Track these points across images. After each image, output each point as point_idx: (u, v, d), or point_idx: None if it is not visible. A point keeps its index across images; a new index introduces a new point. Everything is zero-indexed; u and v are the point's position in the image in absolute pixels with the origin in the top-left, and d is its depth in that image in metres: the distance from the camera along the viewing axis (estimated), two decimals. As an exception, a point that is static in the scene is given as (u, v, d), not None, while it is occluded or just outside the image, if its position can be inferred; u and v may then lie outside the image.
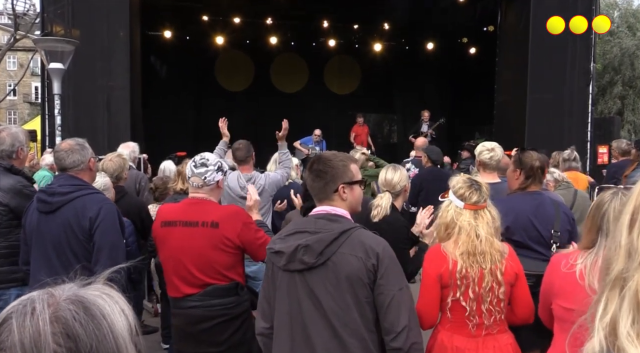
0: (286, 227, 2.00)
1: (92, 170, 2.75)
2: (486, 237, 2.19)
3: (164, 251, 2.65)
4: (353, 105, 14.52)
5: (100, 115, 8.50)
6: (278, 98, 14.24)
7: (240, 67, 14.36)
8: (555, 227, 2.88)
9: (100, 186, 3.42)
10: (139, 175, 4.90)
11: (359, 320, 1.80)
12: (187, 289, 2.58)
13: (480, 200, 2.29)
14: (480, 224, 2.23)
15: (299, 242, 1.83)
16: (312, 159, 1.97)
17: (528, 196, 2.98)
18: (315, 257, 1.80)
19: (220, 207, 2.69)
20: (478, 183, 2.33)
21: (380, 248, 1.82)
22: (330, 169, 1.90)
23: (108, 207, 2.61)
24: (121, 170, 4.05)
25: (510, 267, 2.22)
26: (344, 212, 1.91)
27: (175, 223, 2.59)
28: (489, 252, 2.18)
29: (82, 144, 2.70)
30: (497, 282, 2.17)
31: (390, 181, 3.22)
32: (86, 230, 2.54)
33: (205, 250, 2.53)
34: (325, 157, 1.94)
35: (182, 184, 3.59)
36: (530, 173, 2.98)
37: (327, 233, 1.82)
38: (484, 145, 3.66)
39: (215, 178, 2.62)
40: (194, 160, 2.64)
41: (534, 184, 3.01)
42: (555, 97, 9.19)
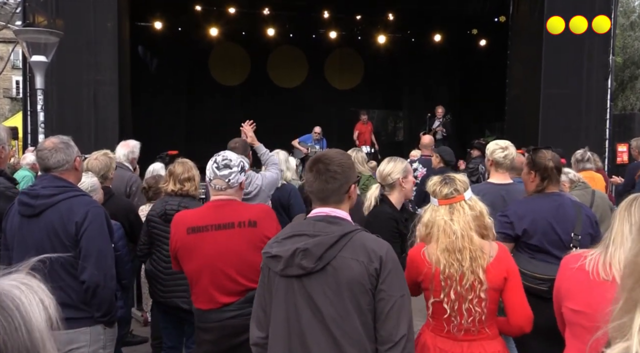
0: (283, 230, 1.99)
1: (78, 171, 2.72)
2: (462, 232, 2.21)
3: (194, 261, 2.56)
4: (355, 101, 14.53)
5: (86, 111, 8.48)
6: (275, 93, 14.25)
7: (236, 60, 14.36)
8: (576, 230, 2.88)
9: (87, 187, 3.40)
10: (132, 178, 4.83)
11: (361, 329, 1.79)
12: (225, 298, 2.53)
13: (452, 193, 2.30)
14: (456, 219, 2.24)
15: (297, 245, 1.83)
16: (315, 159, 1.95)
17: (547, 198, 2.98)
18: (314, 262, 1.80)
19: (251, 205, 2.69)
20: (451, 178, 2.36)
21: (384, 252, 1.82)
22: (343, 169, 1.90)
23: (95, 210, 2.59)
24: (107, 170, 4.04)
25: (497, 270, 2.21)
26: (345, 214, 1.92)
27: (207, 228, 2.53)
28: (468, 247, 2.19)
29: (67, 142, 2.68)
30: (478, 281, 2.18)
31: (381, 172, 3.25)
32: (72, 235, 2.51)
33: (247, 252, 2.49)
34: (334, 157, 1.92)
35: (174, 185, 3.57)
36: (545, 174, 2.98)
37: (327, 236, 1.83)
38: (497, 143, 3.66)
39: (239, 179, 2.61)
40: (215, 161, 2.59)
41: (552, 185, 3.01)
42: (571, 92, 9.17)
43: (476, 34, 13.96)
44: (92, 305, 2.54)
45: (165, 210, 3.47)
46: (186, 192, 3.53)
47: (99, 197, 3.55)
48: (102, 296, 2.53)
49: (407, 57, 14.82)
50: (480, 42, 13.86)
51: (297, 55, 14.61)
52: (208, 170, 2.60)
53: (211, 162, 2.60)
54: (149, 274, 3.60)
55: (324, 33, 14.22)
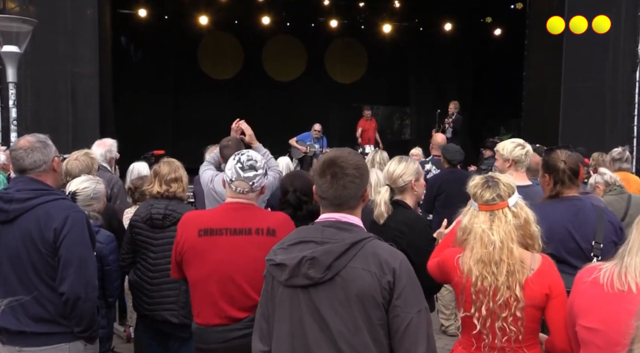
0: (289, 236, 1.99)
1: (57, 172, 2.71)
2: (501, 242, 2.19)
3: (203, 266, 2.52)
4: (358, 95, 14.54)
5: (63, 107, 8.48)
6: (271, 88, 14.26)
7: (227, 51, 14.38)
8: (597, 238, 2.87)
9: (90, 193, 3.39)
10: (112, 179, 4.83)
11: (372, 345, 1.79)
12: (234, 312, 2.49)
13: (494, 198, 2.27)
14: (496, 228, 2.22)
15: (304, 253, 1.83)
16: (328, 162, 1.91)
17: (564, 202, 2.97)
18: (322, 272, 1.80)
19: (271, 213, 2.68)
20: (495, 180, 2.33)
21: (397, 263, 1.82)
22: (361, 172, 1.91)
23: (76, 215, 2.58)
24: (88, 171, 4.03)
25: (537, 285, 2.19)
26: (357, 220, 1.92)
27: (221, 231, 2.51)
28: (506, 261, 2.17)
29: (44, 140, 2.67)
30: (514, 297, 2.16)
31: (391, 173, 3.21)
32: (50, 242, 2.50)
33: (262, 263, 2.42)
34: (349, 159, 1.91)
35: (160, 187, 3.57)
36: (557, 177, 2.98)
37: (336, 244, 1.82)
38: (513, 141, 3.68)
39: (262, 183, 2.60)
40: (239, 161, 2.57)
41: (568, 189, 3.00)
42: (595, 86, 9.16)
43: (490, 22, 13.99)
44: (71, 319, 2.53)
45: (150, 215, 3.44)
46: (173, 194, 3.51)
47: (100, 206, 3.54)
48: (83, 309, 2.53)
49: (414, 47, 14.84)
50: (495, 31, 13.89)
51: (294, 46, 14.63)
52: (229, 170, 2.57)
53: (233, 161, 2.58)
54: (133, 286, 3.57)
55: (324, 21, 14.24)
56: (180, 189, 3.54)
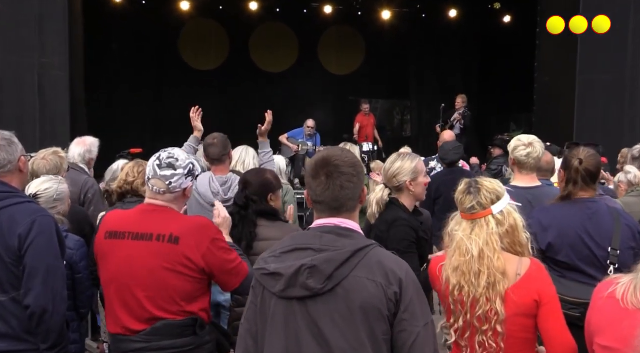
0: (282, 242, 1.97)
1: (23, 172, 2.70)
2: (480, 252, 2.22)
3: (105, 271, 2.60)
4: (355, 88, 14.55)
5: (30, 101, 8.44)
6: (259, 80, 14.26)
7: (211, 40, 14.36)
8: (614, 244, 2.87)
9: (53, 195, 3.38)
10: (88, 182, 4.76)
11: None
12: (133, 324, 2.52)
13: (473, 207, 2.30)
14: (475, 237, 2.26)
15: (302, 261, 1.82)
16: (321, 161, 1.92)
17: (578, 205, 2.98)
18: (322, 282, 1.80)
19: (183, 217, 2.66)
20: (477, 186, 2.36)
21: (404, 273, 1.84)
22: (357, 170, 1.92)
23: (43, 220, 2.57)
24: (57, 172, 4.03)
25: (524, 291, 2.21)
26: (356, 225, 1.93)
27: (124, 234, 2.55)
28: (485, 271, 2.21)
29: (10, 139, 2.65)
30: (494, 311, 2.19)
31: (387, 171, 3.28)
32: (14, 250, 2.49)
33: (159, 272, 2.49)
34: (343, 157, 1.91)
35: (123, 183, 3.61)
36: (569, 175, 2.99)
37: (338, 251, 1.82)
38: (520, 139, 3.69)
39: (183, 184, 2.60)
40: (158, 157, 2.60)
41: (582, 191, 3.01)
42: (613, 78, 9.19)
43: (499, 8, 14.03)
44: (37, 334, 2.51)
45: None
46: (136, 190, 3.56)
47: (65, 208, 3.53)
48: (50, 324, 2.51)
49: (416, 36, 14.86)
50: (504, 19, 13.93)
51: (285, 34, 14.62)
52: (148, 167, 2.61)
53: (154, 158, 2.61)
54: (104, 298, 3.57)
55: (318, 7, 14.24)
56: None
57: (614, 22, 8.82)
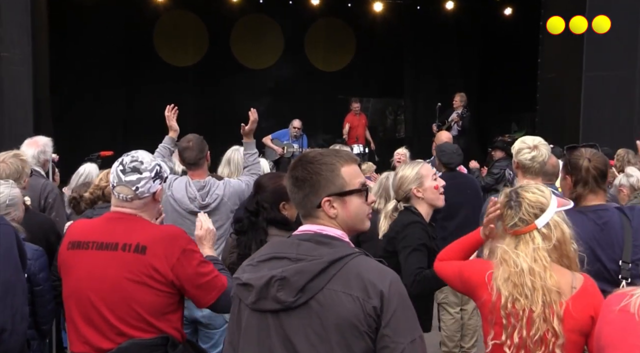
0: (261, 250, 1.99)
1: (-21, 177, 2.68)
2: (530, 269, 2.24)
3: (67, 284, 2.59)
4: (345, 86, 14.56)
5: (-12, 99, 8.35)
6: (241, 76, 14.21)
7: (189, 33, 14.31)
8: (624, 257, 2.88)
9: (5, 200, 3.35)
10: (47, 186, 4.74)
11: None
12: (101, 341, 2.49)
13: (516, 224, 2.33)
14: (522, 252, 2.28)
15: (274, 272, 1.83)
16: (294, 161, 1.99)
17: (587, 213, 2.98)
18: (294, 295, 1.81)
19: (153, 226, 2.66)
20: (518, 199, 2.37)
21: (386, 284, 1.82)
22: (310, 174, 1.92)
23: (3, 229, 2.55)
24: (18, 176, 3.99)
25: (581, 306, 2.23)
26: (339, 233, 1.93)
27: (88, 244, 2.55)
28: (539, 289, 2.21)
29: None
30: (552, 332, 2.19)
31: (394, 186, 3.52)
32: (-32, 263, 2.46)
33: (123, 284, 2.48)
34: (306, 158, 1.96)
35: (95, 189, 3.60)
36: (579, 176, 3.00)
37: (313, 261, 1.83)
38: (524, 141, 3.71)
39: (152, 188, 2.60)
40: (121, 162, 2.61)
41: (593, 193, 3.02)
42: (622, 75, 9.25)
43: (499, 0, 14.12)
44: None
45: None
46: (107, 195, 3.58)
47: (19, 214, 3.51)
48: (9, 344, 2.48)
49: (410, 30, 14.90)
50: (505, 11, 14.00)
51: (268, 27, 14.60)
52: (112, 174, 2.61)
53: (117, 163, 2.62)
54: None
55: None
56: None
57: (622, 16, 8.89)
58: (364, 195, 1.97)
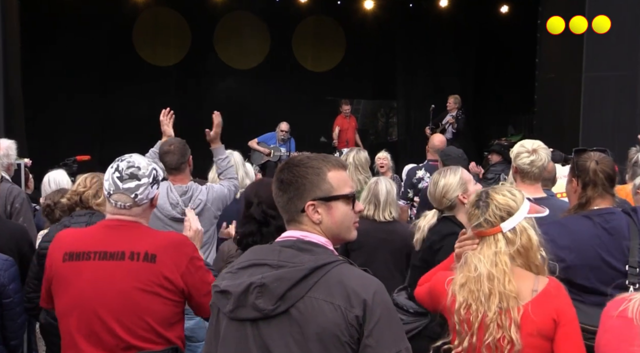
0: (241, 256, 2.01)
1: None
2: (489, 274, 2.27)
3: (64, 298, 2.56)
4: (335, 87, 14.57)
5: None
6: (226, 77, 14.20)
7: (171, 31, 14.27)
8: (631, 261, 2.89)
9: None
10: (13, 191, 4.71)
11: None
12: None
13: (480, 224, 2.37)
14: (483, 256, 2.31)
15: (253, 279, 1.86)
16: (281, 165, 2.03)
17: (594, 218, 2.99)
18: (273, 302, 1.83)
19: (157, 233, 2.70)
20: (487, 199, 2.41)
21: (370, 294, 1.84)
22: (295, 178, 1.95)
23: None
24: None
25: (543, 308, 2.24)
26: (323, 240, 1.95)
27: (89, 255, 2.53)
28: (495, 294, 2.24)
29: None
30: (508, 339, 2.22)
31: (434, 195, 3.48)
32: None
33: (132, 294, 2.49)
34: (293, 162, 2.00)
35: (73, 194, 3.62)
36: (586, 178, 3.02)
37: (294, 268, 1.85)
38: (523, 145, 3.73)
39: (150, 194, 2.63)
40: (117, 168, 2.59)
41: (601, 197, 3.03)
42: (623, 75, 9.30)
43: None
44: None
45: None
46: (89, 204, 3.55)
47: None
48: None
49: (403, 28, 14.93)
50: (502, 9, 14.08)
51: (254, 25, 14.59)
52: (107, 181, 2.60)
53: (111, 170, 2.60)
54: (47, 330, 3.50)
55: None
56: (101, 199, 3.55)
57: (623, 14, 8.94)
58: (351, 202, 1.99)
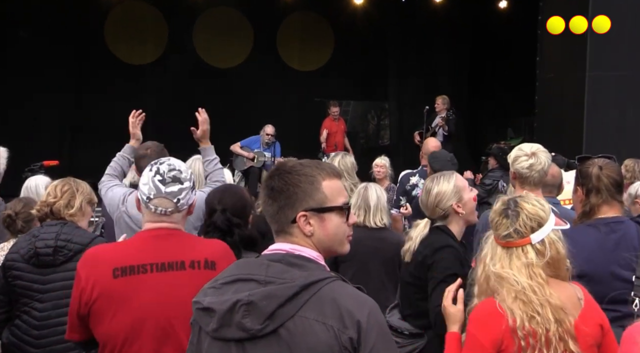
0: (224, 271, 2.01)
1: None
2: (530, 286, 2.29)
3: (125, 317, 2.50)
4: (322, 87, 14.59)
5: None
6: (206, 76, 14.17)
7: (146, 27, 14.26)
8: (638, 272, 2.92)
9: None
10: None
11: None
12: None
13: (509, 235, 2.37)
14: (515, 269, 2.33)
15: (239, 296, 1.85)
16: (271, 170, 2.02)
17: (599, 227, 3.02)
18: (261, 322, 1.82)
19: (205, 240, 2.80)
20: (516, 208, 2.41)
21: (365, 314, 1.84)
22: (287, 185, 1.94)
23: None
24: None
25: (591, 317, 2.29)
26: (314, 254, 1.94)
27: (145, 267, 2.52)
28: (546, 305, 2.27)
29: None
30: (569, 352, 2.26)
31: (425, 203, 3.42)
32: None
33: None
34: (284, 168, 1.99)
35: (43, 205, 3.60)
36: (590, 184, 3.05)
37: (283, 285, 1.84)
38: (521, 148, 3.75)
39: (190, 200, 2.66)
40: (157, 171, 2.59)
41: (607, 204, 3.05)
42: (629, 75, 9.37)
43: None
44: None
45: (35, 249, 3.40)
46: (61, 214, 3.53)
47: None
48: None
49: (395, 25, 15.00)
50: (500, 4, 14.15)
51: (236, 21, 14.60)
52: (145, 184, 2.58)
53: (150, 172, 2.59)
54: (10, 349, 3.49)
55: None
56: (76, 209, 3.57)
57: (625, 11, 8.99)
58: (345, 215, 1.98)
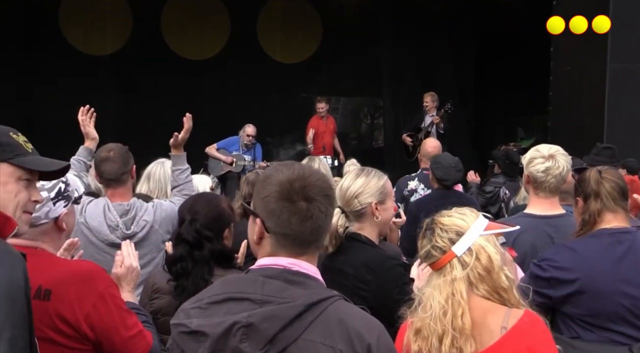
0: (210, 289, 2.02)
1: None
2: (443, 309, 2.31)
3: None
4: (309, 82, 14.62)
5: None
6: (176, 70, 14.16)
7: (108, 13, 14.24)
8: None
9: None
10: None
11: None
12: None
13: (428, 255, 2.40)
14: (437, 289, 2.34)
15: (235, 317, 1.86)
16: (290, 179, 1.96)
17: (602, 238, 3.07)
18: (262, 346, 1.84)
19: (60, 261, 2.65)
20: (433, 223, 2.44)
21: (374, 337, 1.88)
22: (332, 200, 2.01)
23: None
24: None
25: (511, 349, 2.27)
26: (313, 269, 1.98)
27: None
28: (449, 333, 2.28)
29: None
30: None
31: (344, 191, 3.28)
32: None
33: None
34: (323, 178, 2.00)
35: None
36: (588, 191, 3.10)
37: (284, 305, 1.86)
38: (538, 149, 3.74)
39: (52, 212, 2.60)
40: None
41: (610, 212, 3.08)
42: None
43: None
44: None
45: None
46: None
47: None
48: None
49: (390, 13, 15.01)
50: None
51: (211, 7, 14.58)
52: None
53: None
54: None
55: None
56: None
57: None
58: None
